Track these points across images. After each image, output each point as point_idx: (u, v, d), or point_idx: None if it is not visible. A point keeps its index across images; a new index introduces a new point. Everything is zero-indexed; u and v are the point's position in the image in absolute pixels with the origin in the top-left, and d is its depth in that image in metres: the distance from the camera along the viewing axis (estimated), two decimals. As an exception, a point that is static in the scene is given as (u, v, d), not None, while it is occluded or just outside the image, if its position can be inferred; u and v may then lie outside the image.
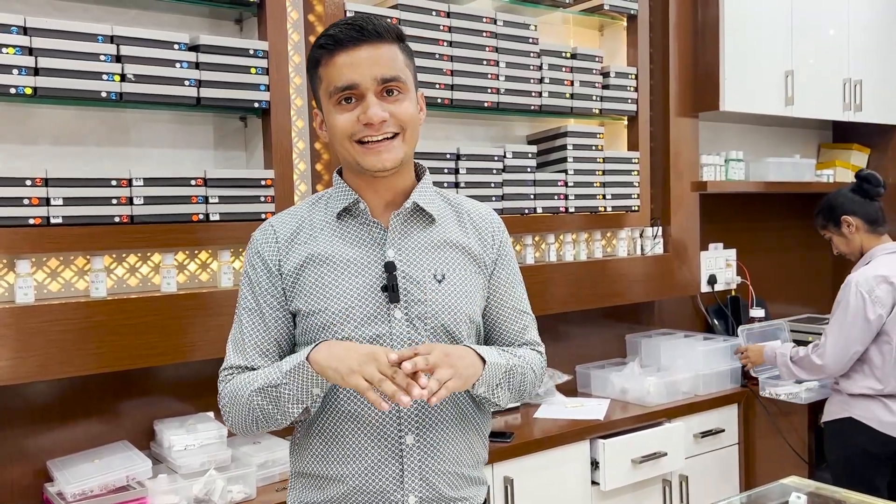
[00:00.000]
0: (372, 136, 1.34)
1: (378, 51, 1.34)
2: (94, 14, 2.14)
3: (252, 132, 2.35)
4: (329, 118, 1.37)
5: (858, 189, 2.79)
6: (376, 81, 1.33)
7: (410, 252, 1.41)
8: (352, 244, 1.40)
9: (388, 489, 1.38)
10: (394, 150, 1.35)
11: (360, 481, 1.38)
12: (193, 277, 2.25)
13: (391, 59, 1.35)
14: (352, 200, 1.41)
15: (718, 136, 3.71)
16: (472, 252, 1.47)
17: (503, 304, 1.51)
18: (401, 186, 1.43)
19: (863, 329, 2.60)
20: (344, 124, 1.34)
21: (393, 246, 1.40)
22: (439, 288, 1.40)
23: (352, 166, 1.40)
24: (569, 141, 2.88)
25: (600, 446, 2.62)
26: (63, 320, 1.91)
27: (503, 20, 2.70)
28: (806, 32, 3.52)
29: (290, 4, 2.34)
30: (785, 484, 1.89)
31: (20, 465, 2.09)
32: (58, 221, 1.93)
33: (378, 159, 1.35)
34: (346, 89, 1.33)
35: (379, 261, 1.39)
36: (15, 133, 2.06)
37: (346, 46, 1.33)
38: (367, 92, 1.33)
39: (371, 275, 1.38)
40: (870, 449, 2.62)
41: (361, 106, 1.34)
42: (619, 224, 3.07)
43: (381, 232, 1.41)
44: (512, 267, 1.54)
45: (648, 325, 3.49)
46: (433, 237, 1.43)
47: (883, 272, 2.63)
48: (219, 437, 2.17)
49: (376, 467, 1.38)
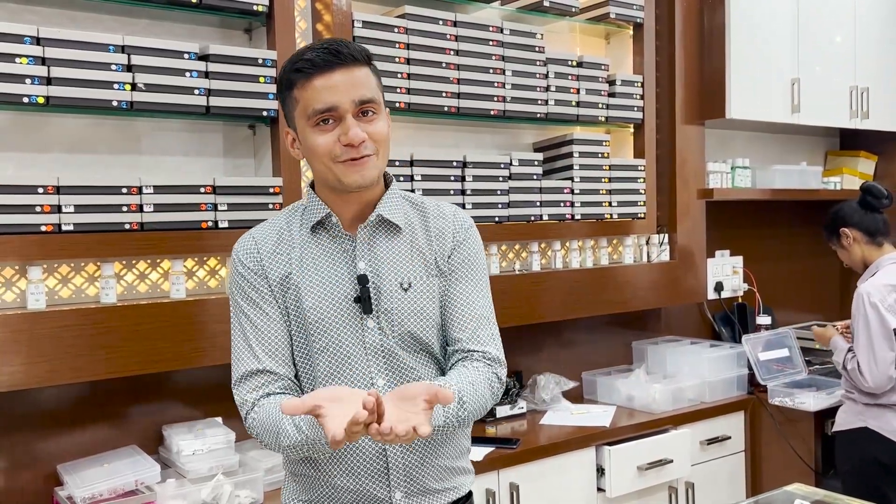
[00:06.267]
0: (352, 156, 1.38)
1: (353, 74, 1.38)
2: (106, 24, 2.17)
3: (261, 140, 2.38)
4: (307, 139, 1.41)
5: (862, 201, 2.78)
6: (354, 103, 1.38)
7: (378, 263, 1.45)
8: (325, 257, 1.45)
9: (375, 486, 1.43)
10: (371, 167, 1.40)
11: (347, 480, 1.43)
12: (202, 284, 2.27)
13: (365, 82, 1.40)
14: (324, 214, 1.46)
15: (725, 143, 3.71)
16: (433, 257, 1.49)
17: (451, 304, 1.48)
18: (368, 198, 1.47)
19: (886, 340, 2.55)
20: (325, 146, 1.39)
21: (362, 258, 1.45)
22: (405, 296, 1.45)
23: (329, 183, 1.43)
24: (575, 148, 2.89)
25: (606, 453, 2.63)
26: (73, 326, 1.94)
27: (510, 29, 2.72)
28: (812, 40, 3.53)
29: (299, 14, 2.37)
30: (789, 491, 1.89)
31: (31, 469, 2.11)
32: (69, 228, 1.95)
33: (360, 176, 1.39)
34: (326, 111, 1.37)
35: (350, 272, 1.44)
36: (29, 142, 2.09)
37: (322, 70, 1.37)
38: (346, 114, 1.37)
39: (344, 286, 1.44)
40: (883, 460, 2.59)
41: (341, 127, 1.38)
42: (626, 231, 3.08)
43: (350, 244, 1.46)
44: (469, 267, 1.51)
45: (655, 332, 3.50)
46: (399, 247, 1.47)
47: (893, 281, 2.62)
48: (227, 442, 2.18)
49: (362, 466, 1.43)
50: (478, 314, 1.49)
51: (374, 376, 1.44)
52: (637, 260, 3.17)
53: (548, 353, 3.14)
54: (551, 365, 3.11)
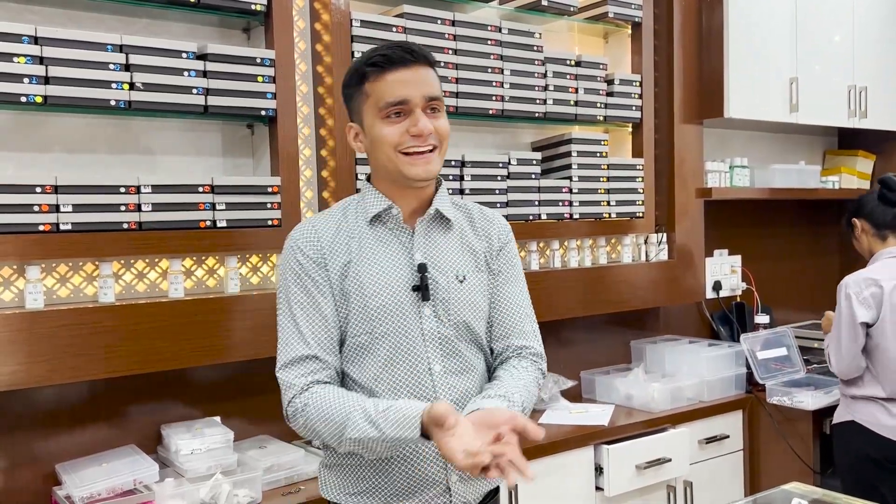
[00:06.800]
0: (418, 147, 1.47)
1: (424, 72, 1.49)
2: (106, 24, 2.17)
3: (259, 140, 2.38)
4: (373, 130, 1.49)
5: (879, 193, 2.79)
6: (424, 98, 1.48)
7: (434, 255, 1.54)
8: (383, 247, 1.52)
9: (433, 470, 1.49)
10: (434, 161, 1.50)
11: (403, 466, 1.48)
12: (201, 283, 2.27)
13: (433, 81, 1.51)
14: (385, 206, 1.53)
15: (723, 142, 3.71)
16: (482, 254, 1.60)
17: (500, 302, 1.60)
18: (425, 195, 1.56)
19: (852, 331, 2.61)
20: (392, 136, 1.47)
21: (419, 249, 1.53)
22: (461, 288, 1.54)
23: (392, 175, 1.51)
24: (573, 148, 2.90)
25: (605, 452, 2.63)
26: (72, 325, 1.94)
27: (508, 28, 2.72)
28: (811, 39, 3.53)
29: (297, 14, 2.37)
30: (787, 490, 1.89)
31: (29, 468, 2.11)
32: (67, 228, 1.95)
33: (424, 169, 1.48)
34: (398, 104, 1.46)
35: (408, 262, 1.52)
36: (29, 141, 2.09)
37: (396, 66, 1.46)
38: (416, 107, 1.47)
39: (402, 275, 1.51)
40: (871, 453, 2.61)
41: (410, 119, 1.47)
42: (624, 230, 3.08)
43: (409, 236, 1.54)
44: (514, 267, 1.64)
45: (653, 331, 3.50)
46: (451, 241, 1.57)
47: (875, 275, 2.64)
48: (225, 442, 2.19)
49: (419, 451, 1.47)
50: (524, 312, 1.62)
51: (432, 362, 1.50)
52: (635, 259, 3.17)
53: (546, 352, 3.11)
54: (550, 364, 3.05)
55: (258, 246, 2.24)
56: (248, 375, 2.42)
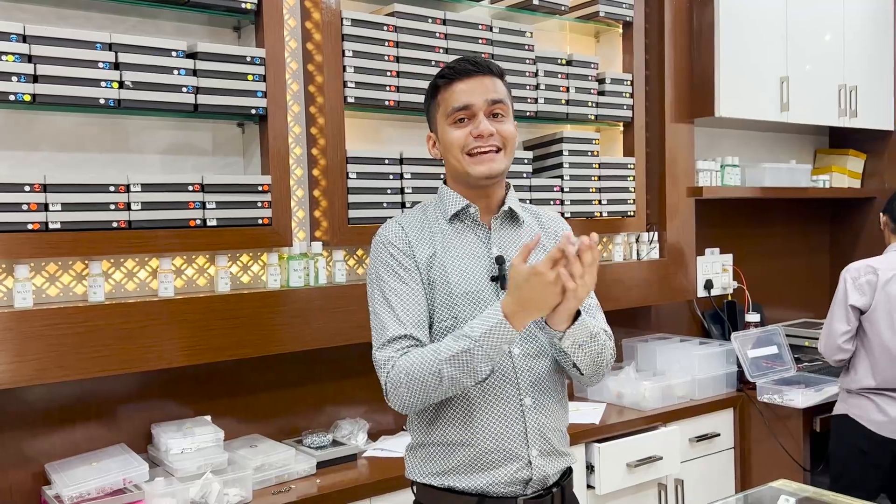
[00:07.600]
0: (481, 147, 1.60)
1: (487, 80, 1.63)
2: (95, 22, 2.16)
3: (249, 138, 2.38)
4: (444, 136, 1.65)
5: None
6: (486, 103, 1.61)
7: (509, 248, 1.68)
8: (463, 242, 1.67)
9: (516, 446, 1.59)
10: (498, 161, 1.62)
11: (492, 441, 1.59)
12: (191, 282, 2.27)
13: (497, 88, 1.64)
14: (463, 205, 1.67)
15: (714, 141, 3.73)
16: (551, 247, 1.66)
17: None
18: (498, 196, 1.70)
19: (841, 311, 2.72)
20: (458, 138, 1.62)
21: (495, 244, 1.67)
22: None
23: (461, 176, 1.65)
24: (564, 147, 2.90)
25: (596, 450, 2.64)
26: (61, 324, 1.93)
27: (499, 27, 2.72)
28: (801, 38, 3.54)
29: (288, 12, 2.37)
30: (775, 487, 1.90)
31: (19, 468, 2.11)
32: (56, 227, 1.95)
33: (487, 168, 1.61)
34: (462, 109, 1.61)
35: (486, 255, 1.66)
36: (19, 140, 2.08)
37: (462, 76, 1.62)
38: (479, 112, 1.61)
39: (482, 266, 1.65)
40: (863, 448, 2.65)
41: (473, 122, 1.61)
42: (615, 229, 3.08)
43: (485, 232, 1.68)
44: None
45: (644, 329, 3.51)
46: (523, 237, 1.71)
47: (875, 264, 2.73)
48: (215, 441, 2.18)
49: (505, 428, 1.59)
50: (595, 303, 1.77)
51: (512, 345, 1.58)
52: (627, 258, 3.17)
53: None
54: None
55: (248, 244, 2.24)
56: (238, 374, 2.42)
